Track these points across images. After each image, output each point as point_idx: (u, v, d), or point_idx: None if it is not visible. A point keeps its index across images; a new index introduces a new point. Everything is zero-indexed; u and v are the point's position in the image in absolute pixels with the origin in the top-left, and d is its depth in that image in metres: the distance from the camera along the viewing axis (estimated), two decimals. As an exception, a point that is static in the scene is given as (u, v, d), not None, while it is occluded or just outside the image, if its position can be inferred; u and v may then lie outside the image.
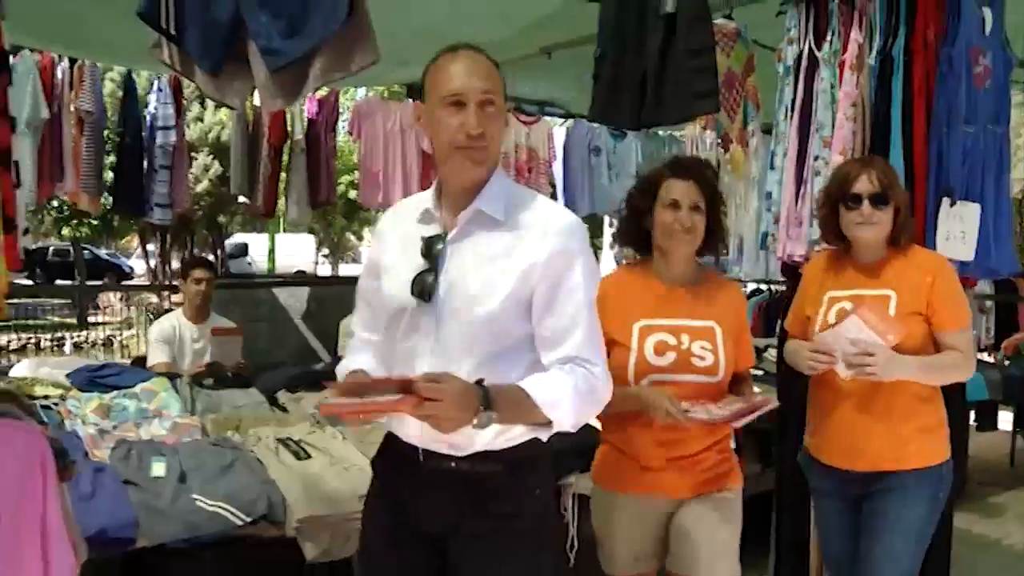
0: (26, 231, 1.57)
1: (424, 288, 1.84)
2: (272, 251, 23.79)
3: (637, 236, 2.57)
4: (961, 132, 2.98)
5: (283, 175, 5.93)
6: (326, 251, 31.92)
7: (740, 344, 2.53)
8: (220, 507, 2.70)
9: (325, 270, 28.91)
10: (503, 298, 1.82)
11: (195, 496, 2.72)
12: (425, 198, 1.97)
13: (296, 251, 27.67)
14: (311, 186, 5.75)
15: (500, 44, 4.29)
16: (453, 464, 1.85)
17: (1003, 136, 3.12)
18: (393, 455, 1.95)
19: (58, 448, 1.66)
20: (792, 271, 3.41)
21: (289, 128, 5.69)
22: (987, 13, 3.02)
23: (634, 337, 2.44)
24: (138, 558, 2.60)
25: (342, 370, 2.02)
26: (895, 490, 2.55)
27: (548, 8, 3.85)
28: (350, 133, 5.73)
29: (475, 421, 1.65)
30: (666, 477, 2.46)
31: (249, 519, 2.69)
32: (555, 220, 1.87)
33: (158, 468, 2.81)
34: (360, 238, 32.98)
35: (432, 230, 1.90)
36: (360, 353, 2.06)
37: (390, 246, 1.97)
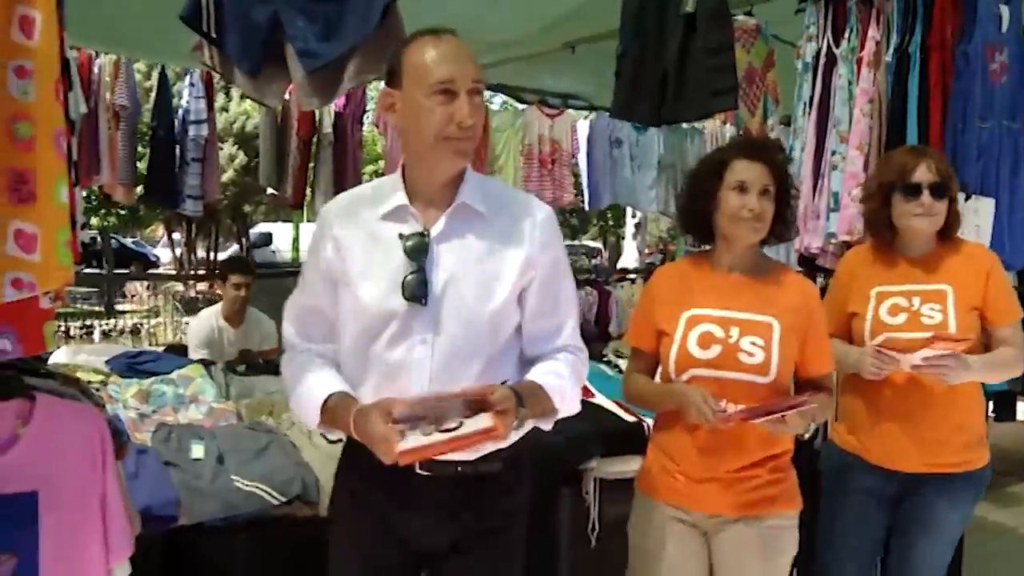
0: (84, 225, 1.69)
1: (417, 290, 1.70)
2: (296, 240, 23.95)
3: (698, 222, 2.31)
4: (977, 128, 3.04)
5: (310, 166, 6.05)
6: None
7: (811, 346, 2.23)
8: (257, 487, 2.81)
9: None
10: (507, 293, 1.75)
11: (233, 477, 2.82)
12: (381, 193, 1.80)
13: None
14: (337, 177, 5.87)
15: (525, 39, 4.41)
16: (459, 468, 1.75)
17: (1019, 132, 3.16)
18: (373, 468, 1.69)
19: (114, 428, 1.77)
20: (809, 263, 3.49)
21: (317, 122, 5.81)
22: (1004, 10, 3.07)
23: (680, 327, 2.22)
24: (177, 536, 2.72)
25: (313, 395, 1.77)
26: (942, 493, 2.47)
27: (571, 5, 3.93)
28: (376, 126, 5.83)
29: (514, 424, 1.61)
30: (706, 490, 2.20)
31: (284, 499, 2.78)
32: (538, 212, 1.82)
33: (197, 450, 2.93)
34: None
35: (410, 227, 1.74)
36: (321, 371, 1.82)
37: (352, 249, 1.77)
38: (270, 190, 5.99)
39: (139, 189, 5.91)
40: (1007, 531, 4.78)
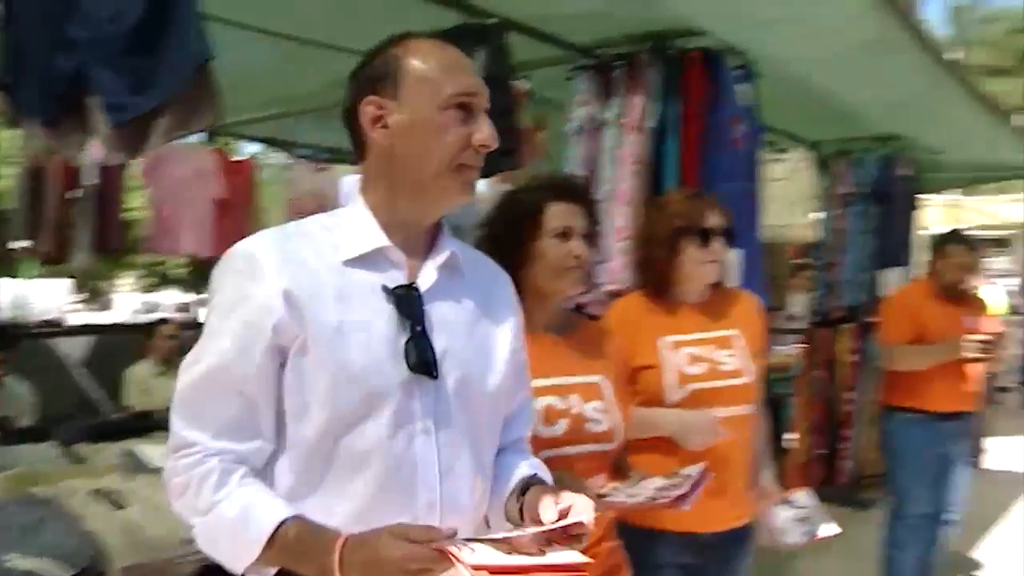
0: None
1: (425, 358, 1.32)
2: (21, 297, 21.91)
3: None
4: (724, 187, 3.46)
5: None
6: (81, 296, 29.59)
7: (624, 400, 2.08)
8: (38, 564, 2.63)
9: (84, 317, 26.84)
10: (504, 367, 1.46)
11: (6, 557, 2.63)
12: (334, 231, 1.40)
13: (46, 296, 25.51)
14: (101, 232, 5.53)
15: (310, 95, 4.44)
16: None
17: (754, 191, 3.69)
18: None
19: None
20: (578, 311, 3.77)
21: (79, 174, 5.44)
22: (743, 88, 3.58)
23: None
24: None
25: (252, 521, 1.25)
26: (743, 546, 2.47)
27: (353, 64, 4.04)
28: (144, 177, 5.58)
29: None
30: None
31: (73, 571, 2.63)
32: (500, 268, 1.60)
33: (-39, 531, 2.69)
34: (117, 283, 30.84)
35: (393, 279, 1.36)
36: (254, 486, 1.30)
37: (316, 305, 1.30)
38: (23, 243, 5.52)
39: None
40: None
